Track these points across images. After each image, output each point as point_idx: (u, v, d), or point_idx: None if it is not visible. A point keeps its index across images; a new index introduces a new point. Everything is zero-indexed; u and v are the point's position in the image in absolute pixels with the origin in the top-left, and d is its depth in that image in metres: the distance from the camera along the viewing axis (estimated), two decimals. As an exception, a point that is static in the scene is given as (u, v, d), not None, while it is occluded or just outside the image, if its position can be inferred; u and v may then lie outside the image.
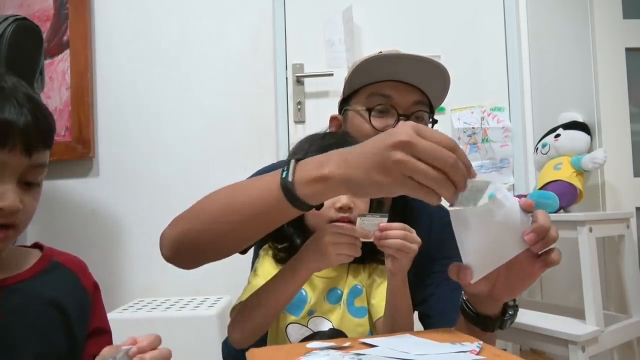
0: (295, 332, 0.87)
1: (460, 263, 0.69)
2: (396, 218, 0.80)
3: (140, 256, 2.04)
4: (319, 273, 0.88)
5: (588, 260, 1.37)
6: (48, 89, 2.06)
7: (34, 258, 0.73)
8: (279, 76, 2.13)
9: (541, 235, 0.66)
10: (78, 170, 2.11)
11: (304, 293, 0.88)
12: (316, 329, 0.87)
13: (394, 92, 0.99)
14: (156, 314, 1.71)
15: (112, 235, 2.09)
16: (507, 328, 0.81)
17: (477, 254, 0.67)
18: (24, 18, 1.52)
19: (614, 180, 1.66)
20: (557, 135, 1.70)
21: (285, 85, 2.14)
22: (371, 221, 0.77)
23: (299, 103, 2.13)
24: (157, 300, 1.91)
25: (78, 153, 2.07)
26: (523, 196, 1.68)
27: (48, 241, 0.79)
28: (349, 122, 1.05)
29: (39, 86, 1.62)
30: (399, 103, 0.99)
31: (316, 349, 0.62)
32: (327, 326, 0.87)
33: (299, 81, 2.13)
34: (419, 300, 1.03)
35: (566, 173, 1.61)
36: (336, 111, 1.13)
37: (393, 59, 1.00)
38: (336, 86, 1.12)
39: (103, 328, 0.77)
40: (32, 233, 1.83)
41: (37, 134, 0.64)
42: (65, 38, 2.10)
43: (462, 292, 0.80)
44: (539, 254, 0.68)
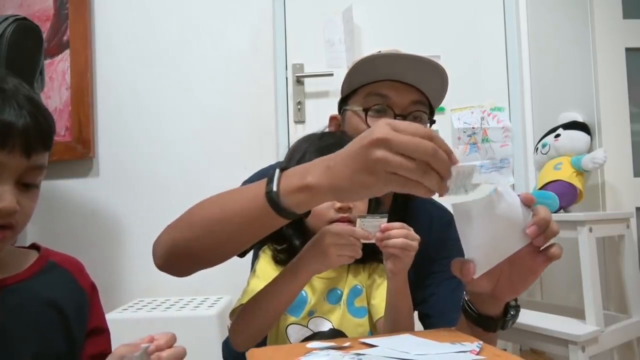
0: (295, 333, 0.87)
1: (462, 258, 0.69)
2: (396, 218, 0.80)
3: (140, 256, 2.04)
4: (319, 274, 0.88)
5: (588, 260, 1.37)
6: (48, 89, 2.06)
7: (31, 258, 0.73)
8: (279, 76, 2.13)
9: (542, 228, 0.66)
10: (78, 170, 2.11)
11: (304, 294, 0.88)
12: (316, 330, 0.87)
13: (392, 92, 0.99)
14: (156, 314, 1.71)
15: (112, 235, 2.09)
16: (509, 328, 0.81)
17: (480, 248, 0.67)
18: (24, 18, 1.52)
19: (614, 180, 1.66)
20: (557, 135, 1.70)
21: (285, 85, 2.14)
22: (371, 222, 0.77)
23: (299, 103, 2.13)
24: (157, 300, 1.91)
25: (78, 153, 2.07)
26: (523, 196, 1.68)
27: (48, 241, 0.79)
28: (347, 122, 1.05)
29: (39, 86, 1.62)
30: (397, 103, 0.99)
31: (316, 349, 0.62)
32: (327, 326, 0.87)
33: (299, 81, 2.13)
34: (419, 300, 1.02)
35: (566, 173, 1.61)
36: (336, 111, 1.13)
37: (391, 59, 1.00)
38: (336, 86, 1.12)
39: (101, 327, 0.77)
40: (32, 233, 1.83)
41: (37, 136, 0.64)
42: (65, 38, 2.10)
43: (464, 293, 0.80)
44: (541, 250, 0.68)
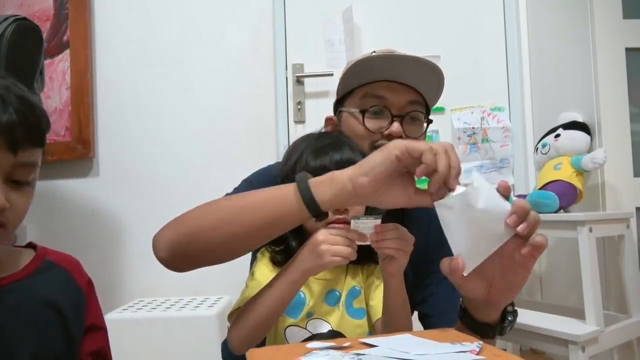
0: (294, 335, 0.87)
1: (450, 257, 0.69)
2: (394, 219, 0.80)
3: (140, 256, 2.04)
4: (317, 275, 0.88)
5: (588, 260, 1.37)
6: (48, 89, 2.06)
7: (28, 258, 0.73)
8: (279, 76, 2.13)
9: (522, 215, 0.66)
10: (78, 170, 2.10)
11: (302, 295, 0.88)
12: (315, 331, 0.87)
13: (388, 93, 0.99)
14: (156, 314, 1.71)
15: (112, 235, 2.09)
16: (507, 333, 0.81)
17: (466, 244, 0.68)
18: (24, 18, 1.52)
19: (614, 180, 1.66)
20: (557, 135, 1.70)
21: (285, 85, 2.14)
22: (365, 223, 0.77)
23: (299, 103, 2.13)
24: (157, 300, 1.91)
25: (78, 153, 2.07)
26: (523, 196, 1.68)
27: (48, 241, 0.79)
28: (344, 123, 1.04)
29: (39, 86, 1.62)
30: (393, 103, 0.99)
31: (316, 349, 0.62)
32: (326, 328, 0.87)
33: (299, 81, 2.13)
34: (419, 300, 1.02)
35: (566, 173, 1.61)
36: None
37: (386, 60, 0.99)
38: (336, 86, 1.12)
39: (98, 325, 0.77)
40: (32, 233, 1.83)
41: (24, 132, 0.63)
42: (65, 38, 2.10)
43: (460, 299, 0.80)
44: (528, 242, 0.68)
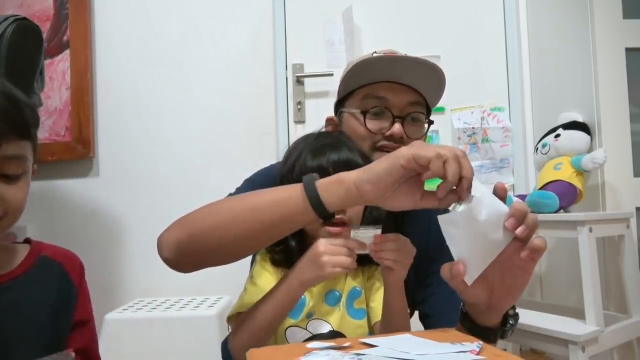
0: (294, 335, 0.86)
1: (451, 262, 0.69)
2: (395, 218, 0.80)
3: (140, 256, 2.04)
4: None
5: (588, 260, 1.37)
6: (48, 89, 2.06)
7: (23, 254, 0.73)
8: (279, 76, 2.13)
9: (519, 218, 0.66)
10: (78, 170, 2.10)
11: (302, 296, 0.88)
12: (315, 332, 0.86)
13: (389, 94, 0.99)
14: (156, 314, 1.71)
15: (112, 235, 2.09)
16: (509, 337, 0.81)
17: (468, 254, 0.67)
18: (24, 18, 1.51)
19: (614, 180, 1.66)
20: (557, 135, 1.70)
21: (285, 85, 2.14)
22: (365, 233, 0.76)
23: (299, 103, 2.13)
24: (157, 300, 1.91)
25: (78, 153, 2.07)
26: (523, 196, 1.68)
27: (48, 241, 0.79)
28: (345, 124, 1.05)
29: (39, 86, 1.62)
30: (394, 104, 0.99)
31: (316, 349, 0.62)
32: (327, 328, 0.87)
33: (299, 81, 2.13)
34: (419, 300, 1.03)
35: (566, 173, 1.61)
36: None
37: (387, 60, 0.99)
38: (336, 86, 1.12)
39: (85, 319, 0.77)
40: (32, 233, 1.83)
41: (6, 126, 0.63)
42: (65, 38, 2.10)
43: (461, 304, 0.80)
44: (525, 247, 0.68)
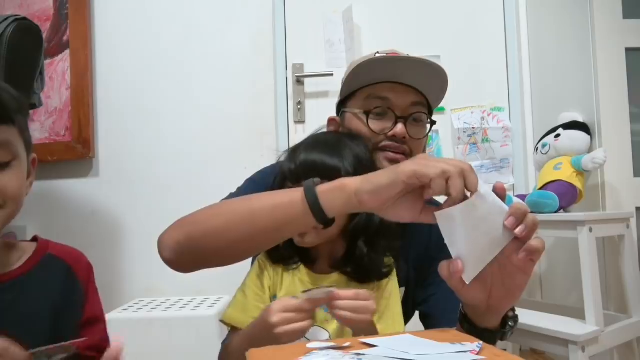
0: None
1: (448, 260, 0.69)
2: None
3: (140, 256, 2.04)
4: (318, 281, 0.88)
5: (588, 260, 1.37)
6: (48, 89, 2.06)
7: (29, 252, 0.73)
8: (279, 76, 2.13)
9: (520, 217, 0.65)
10: (78, 170, 2.10)
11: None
12: (313, 339, 0.86)
13: (392, 94, 0.99)
14: (156, 314, 1.71)
15: (112, 235, 2.09)
16: (508, 338, 0.81)
17: (467, 252, 0.67)
18: (24, 18, 1.51)
19: (614, 180, 1.66)
20: (557, 135, 1.70)
21: (285, 85, 2.14)
22: (317, 294, 0.73)
23: (299, 103, 2.13)
24: (157, 300, 1.91)
25: (78, 153, 2.07)
26: (523, 196, 1.68)
27: (48, 241, 0.79)
28: (347, 124, 1.05)
29: (39, 86, 1.62)
30: (397, 105, 0.99)
31: (316, 349, 0.62)
32: (325, 336, 0.86)
33: (299, 81, 2.13)
34: (420, 300, 1.03)
35: (566, 173, 1.61)
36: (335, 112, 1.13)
37: (390, 61, 1.00)
38: (336, 86, 1.12)
39: (95, 317, 0.77)
40: (32, 233, 1.82)
41: None
42: (65, 38, 2.10)
43: (461, 306, 0.79)
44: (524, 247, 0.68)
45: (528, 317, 1.47)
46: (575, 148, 1.65)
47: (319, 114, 2.08)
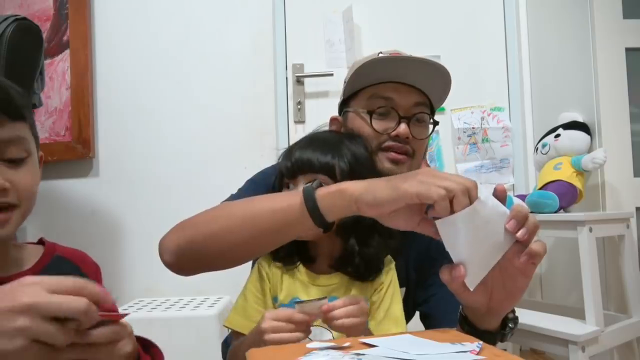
0: None
1: (450, 264, 0.69)
2: None
3: (140, 256, 2.04)
4: (318, 282, 0.88)
5: (588, 260, 1.37)
6: (48, 89, 2.06)
7: (38, 254, 0.73)
8: (279, 76, 2.13)
9: (520, 220, 0.65)
10: (78, 170, 2.10)
11: (299, 301, 0.87)
12: (315, 340, 0.86)
13: (395, 94, 0.99)
14: (156, 314, 1.71)
15: (112, 235, 2.09)
16: (508, 339, 0.80)
17: (470, 257, 0.67)
18: (24, 18, 1.51)
19: (614, 180, 1.66)
20: (557, 135, 1.70)
21: (285, 85, 2.14)
22: (310, 306, 0.74)
23: (299, 103, 2.13)
24: (157, 300, 1.91)
25: (78, 153, 2.07)
26: (523, 196, 1.68)
27: (48, 241, 0.79)
28: (350, 124, 1.04)
29: (39, 86, 1.62)
30: (400, 105, 0.99)
31: (316, 349, 0.62)
32: (328, 336, 0.86)
33: (299, 81, 2.13)
34: (421, 300, 1.03)
35: (566, 173, 1.61)
36: (336, 111, 1.13)
37: (393, 61, 1.00)
38: (336, 86, 1.12)
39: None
40: (32, 233, 1.83)
41: None
42: (65, 38, 2.10)
43: (461, 308, 0.79)
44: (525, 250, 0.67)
45: (528, 317, 1.47)
46: (575, 148, 1.65)
47: (319, 114, 2.08)
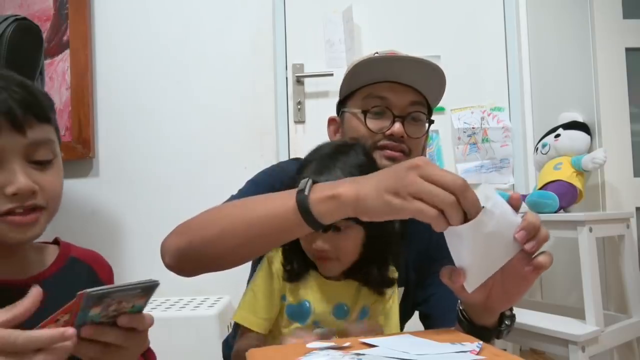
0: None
1: (452, 266, 0.68)
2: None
3: (140, 256, 2.04)
4: (327, 287, 0.87)
5: (588, 260, 1.37)
6: (48, 89, 2.05)
7: (54, 254, 0.73)
8: (279, 76, 2.13)
9: (531, 232, 0.65)
10: (78, 170, 2.10)
11: (307, 304, 0.87)
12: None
13: (390, 93, 0.99)
14: (156, 314, 1.67)
15: (112, 235, 2.09)
16: (504, 337, 0.80)
17: (472, 264, 0.66)
18: (24, 18, 1.51)
19: (614, 180, 1.66)
20: (557, 135, 1.70)
21: (285, 85, 2.14)
22: (325, 335, 0.74)
23: (299, 103, 2.13)
24: (157, 300, 1.91)
25: (78, 153, 2.07)
26: (523, 196, 1.68)
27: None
28: (346, 124, 1.05)
29: (39, 86, 1.62)
30: (395, 104, 0.99)
31: (316, 349, 0.62)
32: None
33: (299, 81, 2.13)
34: (420, 300, 1.03)
35: (566, 173, 1.61)
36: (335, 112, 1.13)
37: (388, 61, 1.00)
38: (336, 86, 1.12)
39: None
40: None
41: (24, 110, 0.62)
42: (65, 38, 2.10)
43: (459, 302, 0.79)
44: (532, 258, 0.67)
45: (528, 317, 1.47)
46: (575, 148, 1.66)
47: (319, 114, 2.08)
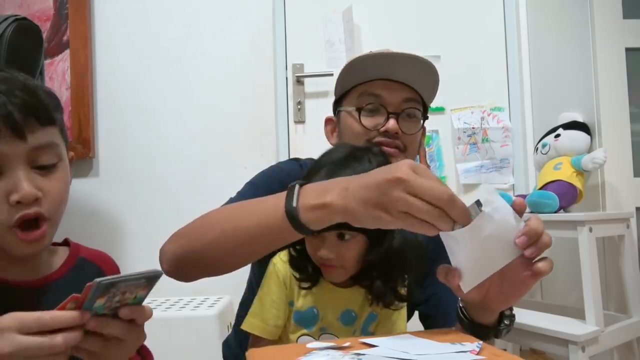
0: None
1: (449, 265, 0.68)
2: None
3: (140, 256, 2.03)
4: (336, 293, 0.86)
5: (588, 260, 1.37)
6: (48, 89, 2.06)
7: (64, 255, 0.73)
8: (279, 76, 2.13)
9: (532, 238, 0.64)
10: (78, 170, 2.10)
11: (315, 311, 0.86)
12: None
13: (384, 91, 1.00)
14: (156, 314, 1.67)
15: (112, 235, 2.09)
16: (503, 337, 0.80)
17: (468, 266, 0.66)
18: (24, 18, 1.51)
19: (614, 180, 1.66)
20: (557, 135, 1.70)
21: (285, 85, 2.14)
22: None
23: (299, 103, 2.13)
24: (157, 300, 1.91)
25: (78, 153, 2.06)
26: (523, 196, 1.67)
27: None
28: (342, 123, 1.06)
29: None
30: (389, 101, 1.00)
31: (316, 349, 0.62)
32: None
33: (299, 81, 2.13)
34: (419, 300, 1.02)
35: (566, 173, 1.61)
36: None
37: (382, 58, 1.01)
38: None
39: None
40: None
41: (25, 115, 0.61)
42: (65, 38, 2.10)
43: (459, 299, 0.79)
44: (532, 263, 0.67)
45: (528, 317, 1.47)
46: (575, 148, 1.65)
47: (319, 114, 2.08)
